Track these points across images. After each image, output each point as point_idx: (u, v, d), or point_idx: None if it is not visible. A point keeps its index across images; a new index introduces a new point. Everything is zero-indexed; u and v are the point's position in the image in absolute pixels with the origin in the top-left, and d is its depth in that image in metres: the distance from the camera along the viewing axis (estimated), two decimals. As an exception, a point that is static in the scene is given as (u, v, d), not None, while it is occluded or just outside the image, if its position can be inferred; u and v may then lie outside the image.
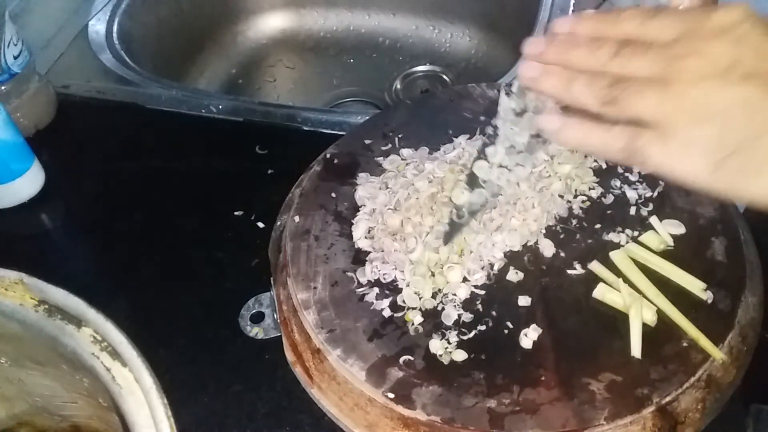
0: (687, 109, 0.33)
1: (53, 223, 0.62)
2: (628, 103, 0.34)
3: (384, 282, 0.48)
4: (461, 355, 0.44)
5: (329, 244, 0.51)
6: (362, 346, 0.45)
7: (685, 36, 0.34)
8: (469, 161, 0.53)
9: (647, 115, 0.34)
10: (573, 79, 0.37)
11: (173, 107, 0.70)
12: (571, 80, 0.37)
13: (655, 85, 0.34)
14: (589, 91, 0.36)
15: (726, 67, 0.33)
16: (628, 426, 0.41)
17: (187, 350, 0.51)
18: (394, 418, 0.43)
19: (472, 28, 0.93)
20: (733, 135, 0.33)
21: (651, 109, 0.34)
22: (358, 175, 0.55)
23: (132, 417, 0.31)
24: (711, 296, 0.46)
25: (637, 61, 0.35)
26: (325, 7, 0.96)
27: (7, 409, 0.40)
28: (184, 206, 0.61)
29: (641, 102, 0.34)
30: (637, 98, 0.34)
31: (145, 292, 0.55)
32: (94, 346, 0.33)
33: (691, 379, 0.42)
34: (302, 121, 0.67)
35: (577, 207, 0.52)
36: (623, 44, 0.36)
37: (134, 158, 0.66)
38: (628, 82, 0.35)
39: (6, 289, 0.35)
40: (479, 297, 0.47)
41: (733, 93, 0.33)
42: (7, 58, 0.62)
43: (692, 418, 0.42)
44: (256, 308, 0.52)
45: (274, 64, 0.96)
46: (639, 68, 0.35)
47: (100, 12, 0.81)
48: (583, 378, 0.42)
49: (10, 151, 0.59)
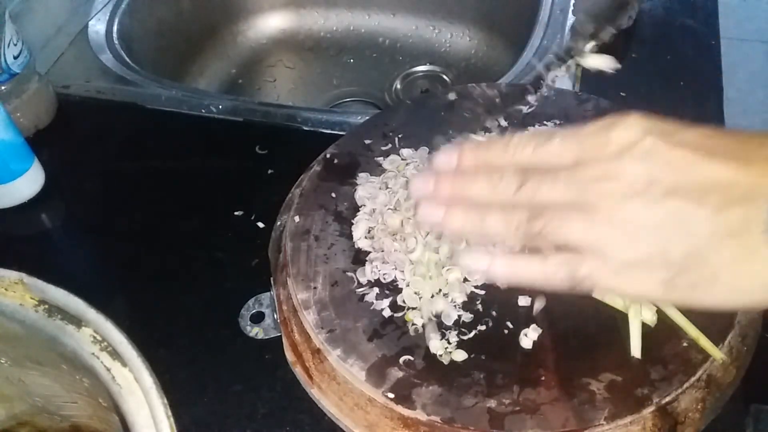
0: (619, 232, 0.32)
1: (53, 223, 0.62)
2: (555, 235, 0.33)
3: (384, 282, 0.48)
4: (461, 355, 0.44)
5: (329, 244, 0.51)
6: (362, 346, 0.45)
7: (588, 158, 0.33)
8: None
9: (579, 242, 0.33)
10: (484, 215, 0.35)
11: (173, 107, 0.70)
12: (482, 216, 0.35)
13: (577, 211, 0.33)
14: (506, 225, 0.35)
15: (645, 186, 0.32)
16: (628, 426, 0.41)
17: (187, 350, 0.51)
18: (394, 418, 0.43)
19: (472, 28, 0.93)
20: (675, 252, 0.32)
21: (580, 237, 0.33)
22: (358, 175, 0.55)
23: (132, 417, 0.31)
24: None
25: (548, 189, 0.34)
26: (325, 7, 0.96)
27: (7, 409, 0.40)
28: (184, 206, 0.61)
29: (569, 231, 0.33)
30: (564, 228, 0.33)
31: (145, 292, 0.55)
32: (94, 346, 0.33)
33: (691, 379, 0.42)
34: (302, 121, 0.67)
35: (577, 207, 0.52)
36: (524, 173, 0.34)
37: (134, 158, 0.66)
38: (548, 213, 0.34)
39: (6, 289, 0.35)
40: (479, 297, 0.47)
41: (662, 210, 0.32)
42: (7, 58, 0.62)
43: (692, 418, 0.42)
44: (256, 308, 0.52)
45: (274, 64, 0.96)
46: (552, 195, 0.34)
47: (100, 12, 0.81)
48: (583, 378, 0.42)
49: (10, 151, 0.59)
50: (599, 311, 0.46)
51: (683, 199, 0.32)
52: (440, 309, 0.46)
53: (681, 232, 0.32)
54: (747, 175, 0.31)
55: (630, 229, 0.32)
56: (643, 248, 0.32)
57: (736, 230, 0.31)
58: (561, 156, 0.34)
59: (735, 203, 0.31)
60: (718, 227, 0.31)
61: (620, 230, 0.32)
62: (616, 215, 0.32)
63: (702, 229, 0.31)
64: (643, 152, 0.32)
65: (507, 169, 0.35)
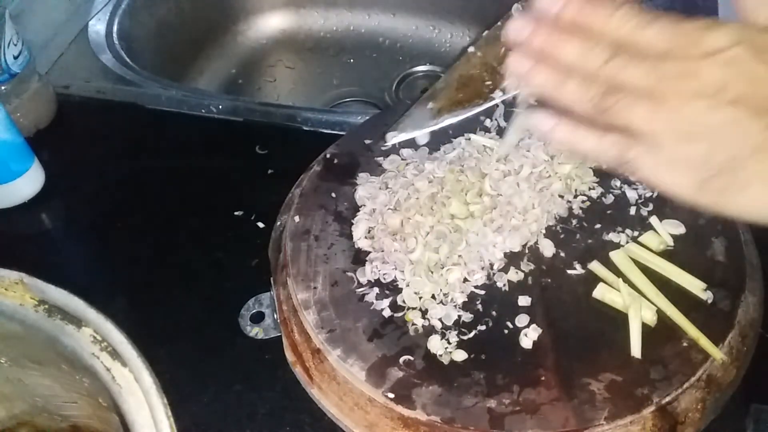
0: (677, 126, 0.34)
1: (53, 223, 0.62)
2: (620, 114, 0.35)
3: (384, 282, 0.48)
4: (461, 355, 0.44)
5: (329, 244, 0.51)
6: (362, 346, 0.45)
7: (678, 51, 0.35)
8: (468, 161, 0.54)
9: (638, 127, 0.35)
10: (565, 79, 0.37)
11: (173, 107, 0.70)
12: (564, 80, 0.37)
13: (647, 98, 0.35)
14: (581, 94, 0.36)
15: (716, 90, 0.33)
16: (628, 426, 0.41)
17: (187, 350, 0.51)
18: (394, 418, 0.43)
19: (472, 28, 0.93)
20: (720, 155, 0.34)
21: (642, 123, 0.35)
22: (358, 175, 0.55)
23: (132, 417, 0.31)
24: (711, 296, 0.46)
25: (631, 71, 0.35)
26: (325, 7, 0.96)
27: (7, 409, 0.40)
28: (184, 206, 0.61)
29: (634, 114, 0.35)
30: (630, 110, 0.35)
31: (145, 292, 0.55)
32: (94, 346, 0.33)
33: (691, 379, 0.42)
34: (302, 121, 0.67)
35: (577, 207, 0.52)
36: (617, 48, 0.36)
37: (134, 158, 0.66)
38: (622, 93, 0.35)
39: (6, 289, 0.35)
40: (479, 297, 0.47)
41: (722, 115, 0.33)
42: (7, 58, 0.62)
43: (692, 418, 0.42)
44: (256, 308, 0.52)
45: (274, 64, 0.96)
46: (632, 78, 0.35)
47: (100, 12, 0.81)
48: (583, 378, 0.42)
49: (10, 151, 0.59)
50: (599, 311, 0.46)
51: (744, 109, 0.33)
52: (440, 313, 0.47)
53: (731, 138, 0.33)
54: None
55: (687, 126, 0.34)
56: (693, 147, 0.34)
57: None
58: (654, 43, 0.35)
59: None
60: (764, 142, 0.33)
61: (678, 125, 0.34)
62: (680, 110, 0.34)
63: (750, 139, 0.33)
64: (727, 60, 0.33)
65: (601, 39, 0.36)
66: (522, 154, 0.53)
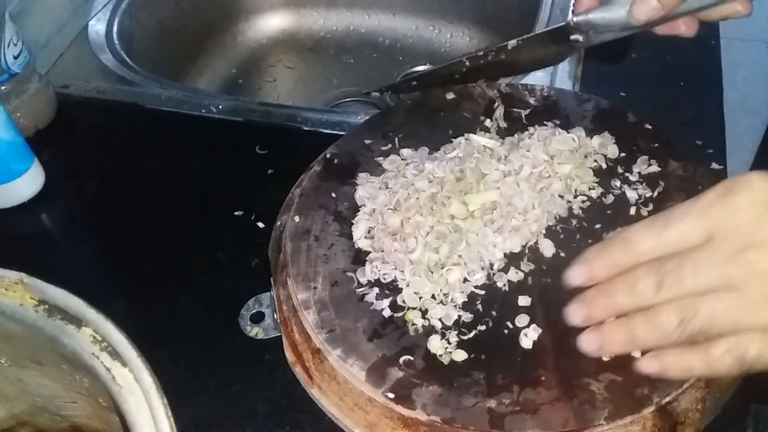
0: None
1: (53, 223, 0.62)
2: (713, 326, 0.33)
3: (384, 282, 0.48)
4: (461, 355, 0.44)
5: (329, 244, 0.51)
6: (362, 346, 0.45)
7: (722, 230, 0.32)
8: (468, 161, 0.54)
9: (743, 324, 0.33)
10: (632, 329, 0.36)
11: (173, 107, 0.70)
12: (631, 331, 0.36)
13: (729, 292, 0.32)
14: (658, 332, 0.35)
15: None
16: (628, 426, 0.41)
17: (187, 350, 0.51)
18: (394, 418, 0.43)
19: (472, 28, 0.93)
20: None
21: (744, 318, 0.33)
22: (358, 175, 0.55)
23: (132, 417, 0.31)
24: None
25: (692, 278, 0.33)
26: (325, 7, 0.96)
27: (7, 409, 0.40)
28: (184, 206, 0.61)
29: (730, 316, 0.33)
30: (724, 314, 0.33)
31: (145, 292, 0.55)
32: (94, 346, 0.33)
33: (691, 379, 0.42)
34: (302, 121, 0.67)
35: (577, 207, 0.52)
36: (659, 268, 0.34)
37: (134, 158, 0.67)
38: (696, 307, 0.33)
39: (6, 289, 0.35)
40: (479, 297, 0.47)
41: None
42: (7, 58, 0.62)
43: (692, 418, 0.42)
44: (256, 308, 0.52)
45: (274, 64, 0.96)
46: (698, 283, 0.33)
47: (100, 12, 0.81)
48: (583, 378, 0.42)
49: (10, 151, 0.59)
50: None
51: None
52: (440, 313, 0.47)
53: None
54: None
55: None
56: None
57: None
58: (690, 235, 0.33)
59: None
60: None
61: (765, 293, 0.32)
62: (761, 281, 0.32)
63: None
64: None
65: (639, 267, 0.35)
66: (522, 154, 0.54)
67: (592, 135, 0.55)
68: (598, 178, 0.53)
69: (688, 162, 0.54)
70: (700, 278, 0.33)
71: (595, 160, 0.54)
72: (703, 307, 0.33)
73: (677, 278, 0.33)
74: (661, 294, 0.34)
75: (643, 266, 0.35)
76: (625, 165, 0.54)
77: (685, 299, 0.34)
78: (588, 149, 0.55)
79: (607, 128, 0.56)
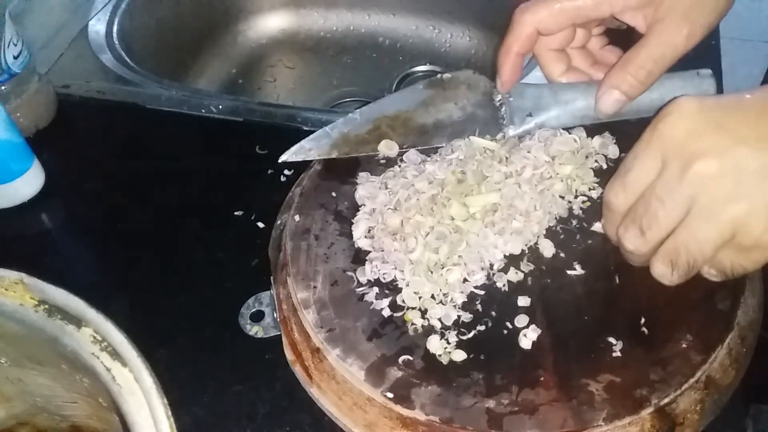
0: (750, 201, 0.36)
1: (53, 223, 0.62)
2: (699, 253, 0.38)
3: (384, 281, 0.48)
4: (460, 355, 0.44)
5: (329, 244, 0.51)
6: (361, 345, 0.45)
7: (667, 151, 0.37)
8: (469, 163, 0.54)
9: (716, 239, 0.38)
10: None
11: (173, 107, 0.70)
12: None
13: (693, 218, 0.37)
14: (664, 281, 0.42)
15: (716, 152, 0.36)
16: (627, 427, 0.41)
17: (187, 350, 0.51)
18: (392, 418, 0.43)
19: (472, 28, 0.93)
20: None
21: (712, 234, 0.37)
22: (358, 174, 0.55)
23: (132, 417, 0.31)
24: (710, 297, 0.46)
25: (662, 211, 0.37)
26: (325, 7, 0.96)
27: (7, 409, 0.40)
28: (184, 206, 0.61)
29: (705, 242, 0.38)
30: (698, 243, 0.38)
31: (145, 292, 0.55)
32: (94, 346, 0.33)
33: (690, 381, 0.42)
34: (302, 121, 0.67)
35: (577, 207, 0.52)
36: (634, 217, 0.39)
37: (134, 158, 0.67)
38: (676, 247, 0.39)
39: (6, 289, 0.35)
40: (479, 297, 0.47)
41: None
42: (7, 58, 0.62)
43: (691, 419, 0.42)
44: (255, 307, 0.52)
45: (274, 64, 0.96)
46: (669, 215, 0.37)
47: (100, 12, 0.81)
48: (581, 379, 0.43)
49: (10, 151, 0.59)
50: (598, 311, 0.46)
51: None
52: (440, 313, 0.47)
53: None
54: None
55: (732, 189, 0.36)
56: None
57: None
58: (647, 170, 0.38)
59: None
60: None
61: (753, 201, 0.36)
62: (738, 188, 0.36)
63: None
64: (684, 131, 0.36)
65: (620, 225, 0.40)
66: (523, 155, 0.54)
67: (593, 135, 0.55)
68: (598, 178, 0.53)
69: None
70: (669, 207, 0.36)
71: (596, 160, 0.54)
72: (680, 246, 0.37)
73: (652, 218, 0.37)
74: (648, 238, 0.38)
75: (622, 224, 0.40)
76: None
77: (667, 243, 0.38)
78: (589, 150, 0.55)
79: (608, 128, 0.56)
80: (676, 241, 0.38)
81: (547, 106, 0.55)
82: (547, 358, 0.44)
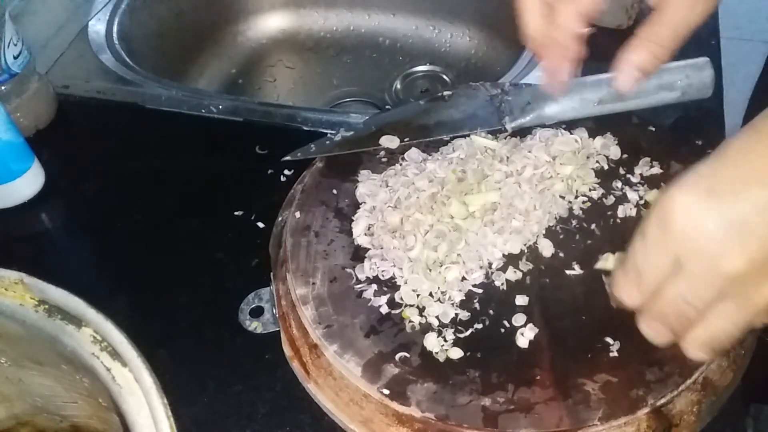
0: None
1: (53, 223, 0.62)
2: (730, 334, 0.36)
3: (382, 279, 0.49)
4: (457, 353, 0.45)
5: (329, 241, 0.51)
6: (359, 342, 0.45)
7: (682, 251, 0.35)
8: (470, 162, 0.54)
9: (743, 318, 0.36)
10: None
11: (173, 107, 0.70)
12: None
13: (721, 306, 0.35)
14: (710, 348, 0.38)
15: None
16: (623, 427, 0.41)
17: (187, 350, 0.51)
18: (388, 414, 0.43)
19: (472, 28, 0.93)
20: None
21: (740, 317, 0.36)
22: (359, 172, 0.55)
23: (132, 417, 0.31)
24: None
25: (693, 312, 0.36)
26: (325, 7, 0.96)
27: (7, 409, 0.40)
28: (184, 206, 0.61)
29: (733, 324, 0.36)
30: (730, 326, 0.36)
31: (145, 292, 0.55)
32: (94, 346, 0.33)
33: (686, 382, 0.42)
34: (302, 121, 0.67)
35: (577, 207, 0.52)
36: (664, 321, 0.38)
37: (134, 158, 0.67)
38: (710, 333, 0.37)
39: (6, 289, 0.35)
40: (477, 296, 0.48)
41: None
42: (7, 58, 0.62)
43: (687, 420, 0.43)
44: (255, 303, 0.52)
45: (274, 64, 0.96)
46: (698, 311, 0.36)
47: (100, 12, 0.81)
48: (578, 378, 0.43)
49: (10, 151, 0.59)
50: (596, 312, 0.46)
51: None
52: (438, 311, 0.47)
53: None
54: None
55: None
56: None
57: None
58: (661, 269, 0.36)
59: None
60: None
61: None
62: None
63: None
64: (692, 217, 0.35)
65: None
66: (524, 155, 0.54)
67: (594, 136, 0.55)
68: (599, 179, 0.53)
69: (691, 164, 0.54)
70: (700, 307, 0.36)
71: (597, 161, 0.54)
72: (719, 332, 0.36)
73: (684, 320, 0.37)
74: (680, 334, 0.38)
75: (643, 320, 0.39)
76: (627, 166, 0.54)
77: (699, 333, 0.37)
78: (590, 150, 0.55)
79: (610, 129, 0.56)
80: (710, 329, 0.37)
81: (546, 98, 0.56)
82: (543, 357, 0.44)
